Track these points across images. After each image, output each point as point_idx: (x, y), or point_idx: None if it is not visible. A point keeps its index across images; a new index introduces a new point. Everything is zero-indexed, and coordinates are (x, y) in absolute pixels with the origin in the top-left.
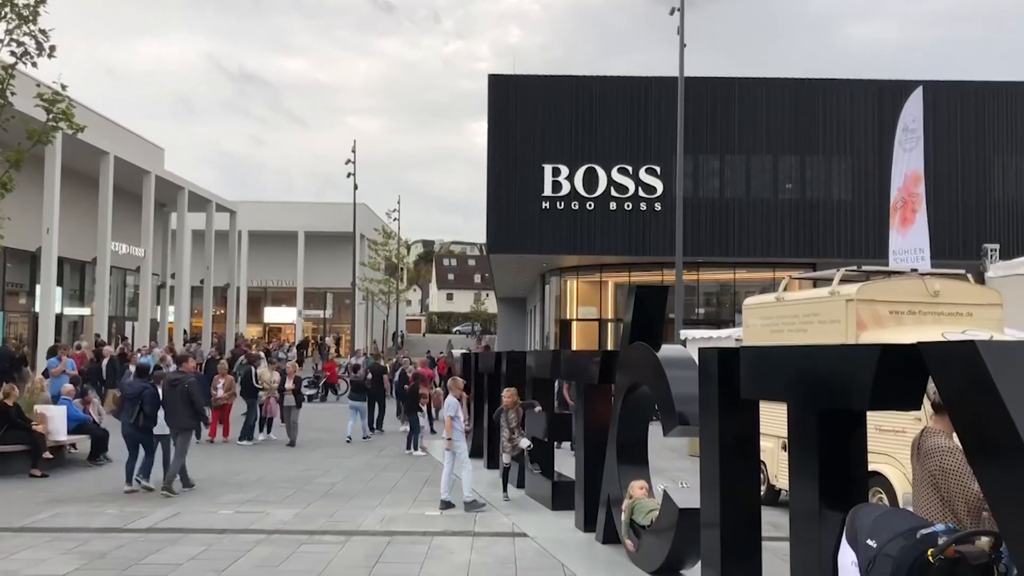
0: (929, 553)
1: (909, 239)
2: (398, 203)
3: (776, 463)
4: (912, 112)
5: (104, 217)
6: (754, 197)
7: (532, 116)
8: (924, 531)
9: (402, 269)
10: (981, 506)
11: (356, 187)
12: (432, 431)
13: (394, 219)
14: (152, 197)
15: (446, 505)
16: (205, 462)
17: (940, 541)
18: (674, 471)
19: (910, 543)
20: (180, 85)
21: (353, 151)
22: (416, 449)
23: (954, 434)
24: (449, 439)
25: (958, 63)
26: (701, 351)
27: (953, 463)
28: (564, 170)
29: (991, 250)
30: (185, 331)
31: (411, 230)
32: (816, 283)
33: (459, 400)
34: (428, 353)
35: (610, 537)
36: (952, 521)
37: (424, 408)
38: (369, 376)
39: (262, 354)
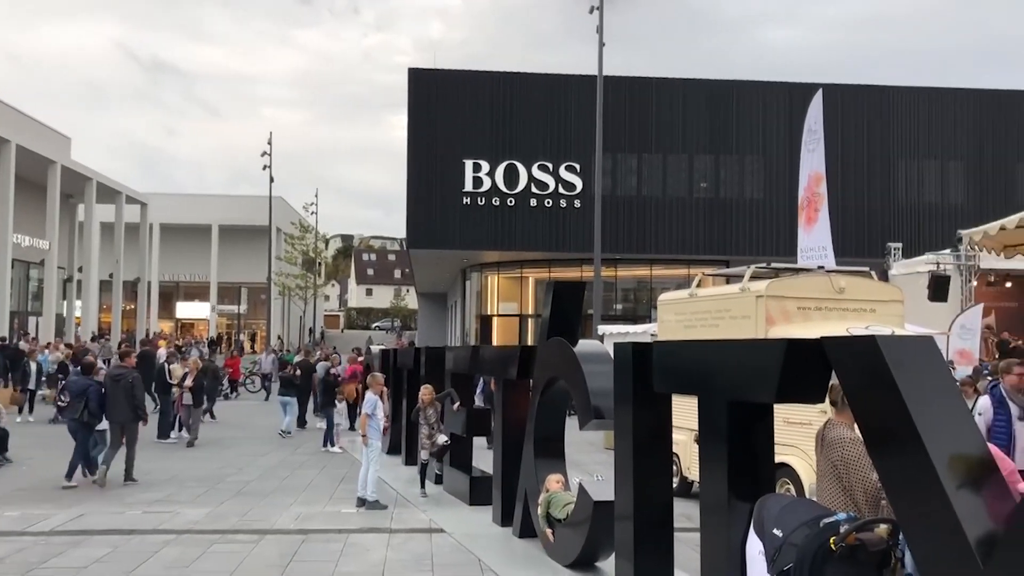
0: (831, 541)
1: (814, 237)
2: (316, 196)
3: (689, 455)
4: (814, 114)
5: (4, 207)
6: (670, 195)
7: (453, 111)
8: (827, 520)
9: (320, 264)
10: (880, 495)
11: (272, 179)
12: (352, 427)
13: (312, 213)
14: (57, 188)
15: (362, 503)
16: (115, 461)
17: (842, 529)
18: (591, 464)
19: (814, 532)
20: (89, 73)
21: (269, 143)
22: (333, 446)
23: (855, 425)
24: (364, 435)
25: (874, 67)
26: (616, 346)
27: (854, 454)
28: (485, 166)
29: (895, 249)
30: (95, 332)
31: (329, 224)
32: (729, 280)
33: (379, 396)
34: (355, 349)
35: (527, 531)
36: (853, 510)
37: (340, 404)
38: (298, 372)
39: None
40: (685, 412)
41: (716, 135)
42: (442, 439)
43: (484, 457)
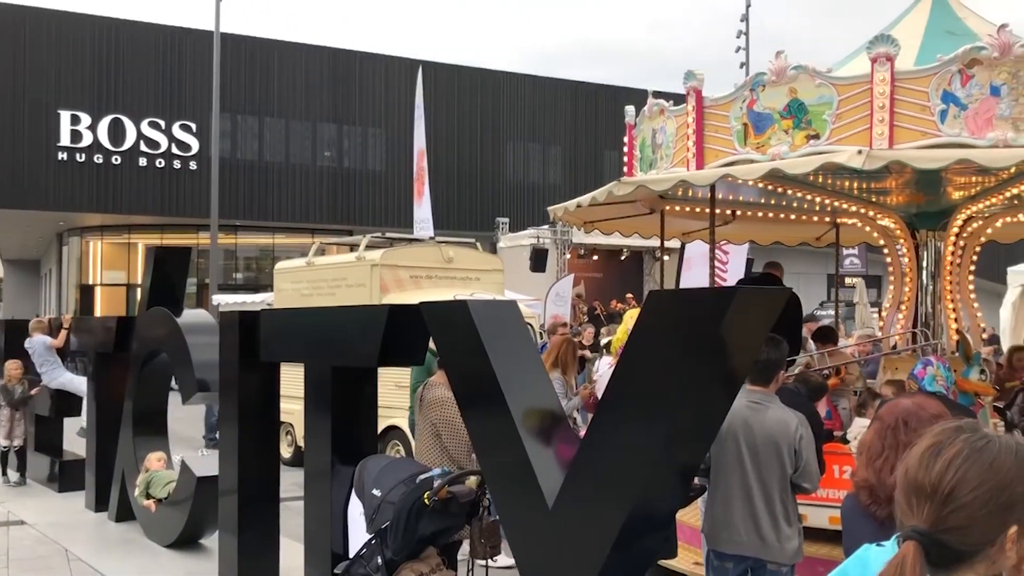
0: (426, 496)
1: (422, 210)
2: None
3: (303, 425)
4: (419, 92)
5: None
6: (293, 162)
7: (46, 55)
8: (423, 476)
9: None
10: (472, 450)
11: None
12: None
13: None
14: None
15: None
16: None
17: (435, 484)
18: (202, 440)
19: (410, 489)
20: None
21: None
22: None
23: None
24: None
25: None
26: (221, 315)
27: (452, 413)
28: (86, 119)
29: (502, 223)
30: None
31: None
32: (353, 248)
33: None
34: None
35: (124, 515)
36: (450, 466)
37: None
38: None
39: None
40: (298, 381)
41: (339, 104)
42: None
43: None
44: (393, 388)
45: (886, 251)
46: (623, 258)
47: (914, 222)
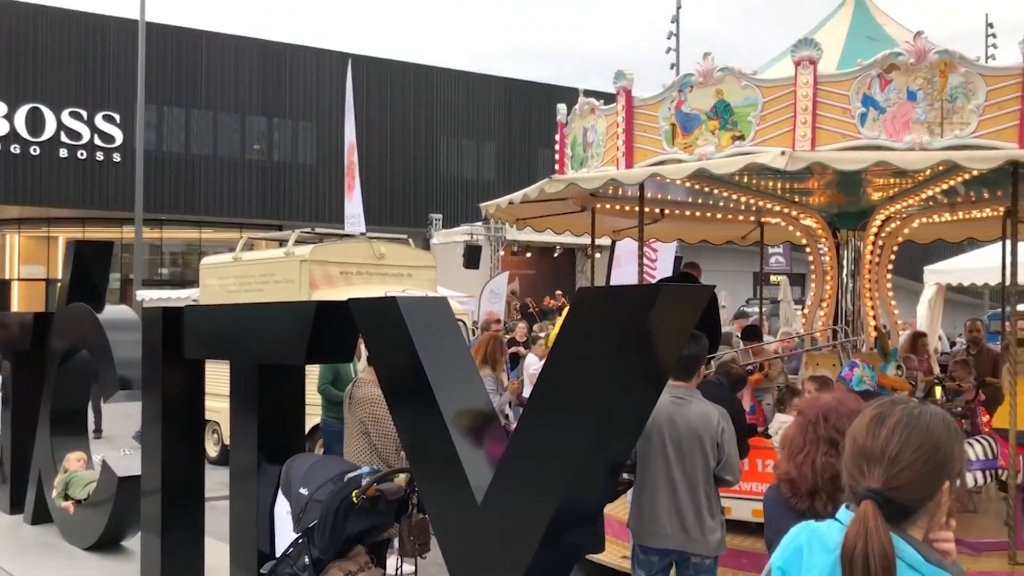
0: (354, 494)
1: (353, 205)
2: None
3: (229, 423)
4: (349, 85)
5: None
6: (221, 155)
7: None
8: (351, 475)
9: None
10: (400, 447)
11: None
12: None
13: None
14: None
15: None
16: None
17: (364, 482)
18: (127, 440)
19: (338, 487)
20: None
21: None
22: None
23: None
24: None
25: (417, 44)
26: (144, 311)
27: (380, 411)
28: (1, 107)
29: (435, 219)
30: None
31: None
32: (282, 243)
33: None
34: None
35: (41, 517)
36: (379, 464)
37: None
38: None
39: None
40: (224, 379)
41: (269, 97)
42: None
43: None
44: None
45: (808, 250)
46: (556, 255)
47: (835, 222)
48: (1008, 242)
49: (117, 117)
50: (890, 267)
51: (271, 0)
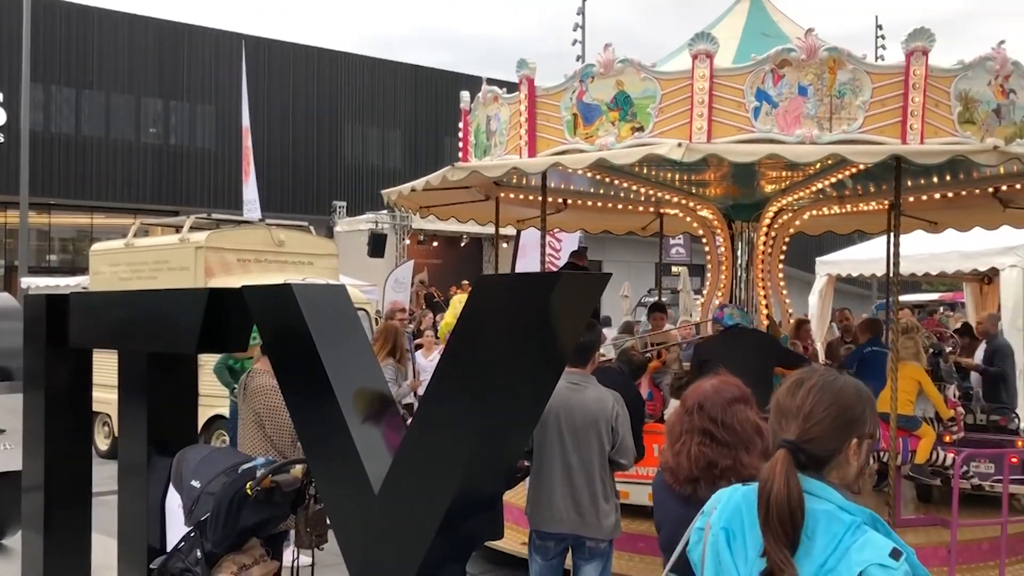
0: (248, 486)
1: (250, 190)
2: None
3: None
4: (244, 67)
5: None
6: (114, 137)
7: None
8: (245, 466)
9: None
10: (296, 439)
11: None
12: None
13: None
14: None
15: None
16: None
17: (258, 474)
18: (11, 433)
19: (231, 479)
20: None
21: None
22: None
23: None
24: None
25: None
26: (26, 299)
27: (275, 401)
28: None
29: (340, 207)
30: None
31: None
32: (177, 230)
33: None
34: None
35: None
36: (275, 455)
37: None
38: None
39: None
40: (115, 369)
41: (166, 78)
42: None
43: None
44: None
45: (705, 241)
46: (463, 244)
47: (730, 213)
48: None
49: (0, 96)
50: (782, 258)
51: None
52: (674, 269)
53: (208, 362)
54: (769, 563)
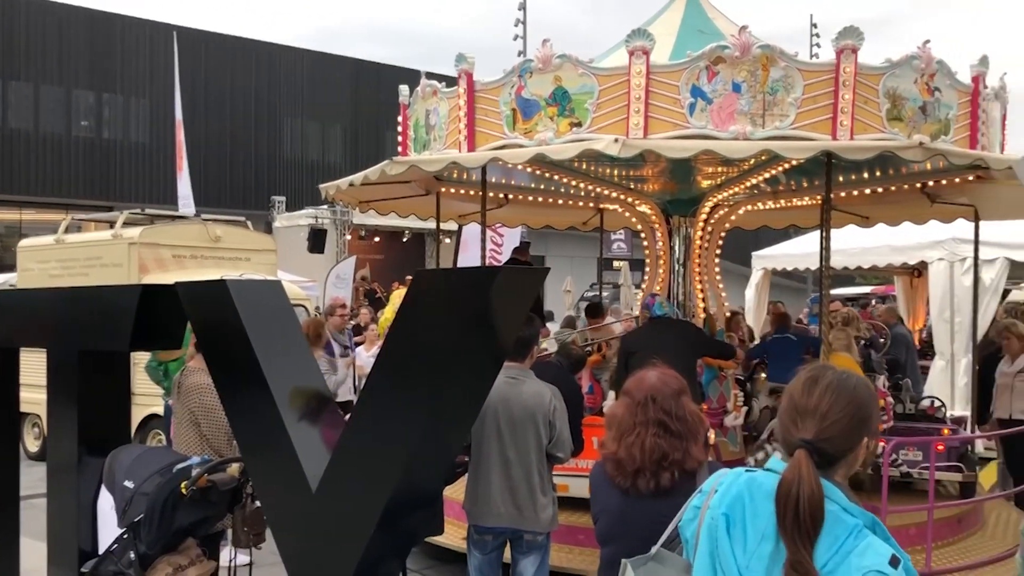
0: (183, 485)
1: (183, 185)
2: None
3: None
4: (176, 59)
5: None
6: (44, 131)
7: None
8: (180, 466)
9: None
10: (232, 437)
11: None
12: None
13: None
14: None
15: None
16: None
17: (194, 473)
18: None
19: (166, 479)
20: None
21: None
22: None
23: None
24: None
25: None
26: None
27: (212, 400)
28: None
29: (279, 202)
30: None
31: None
32: (111, 225)
33: None
34: None
35: None
36: (211, 454)
37: None
38: None
39: None
40: (44, 368)
41: (98, 70)
42: None
43: None
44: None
45: (643, 236)
46: (405, 240)
47: (668, 209)
48: (823, 229)
49: None
50: (719, 252)
51: None
52: (615, 264)
53: (142, 360)
54: (791, 564)
